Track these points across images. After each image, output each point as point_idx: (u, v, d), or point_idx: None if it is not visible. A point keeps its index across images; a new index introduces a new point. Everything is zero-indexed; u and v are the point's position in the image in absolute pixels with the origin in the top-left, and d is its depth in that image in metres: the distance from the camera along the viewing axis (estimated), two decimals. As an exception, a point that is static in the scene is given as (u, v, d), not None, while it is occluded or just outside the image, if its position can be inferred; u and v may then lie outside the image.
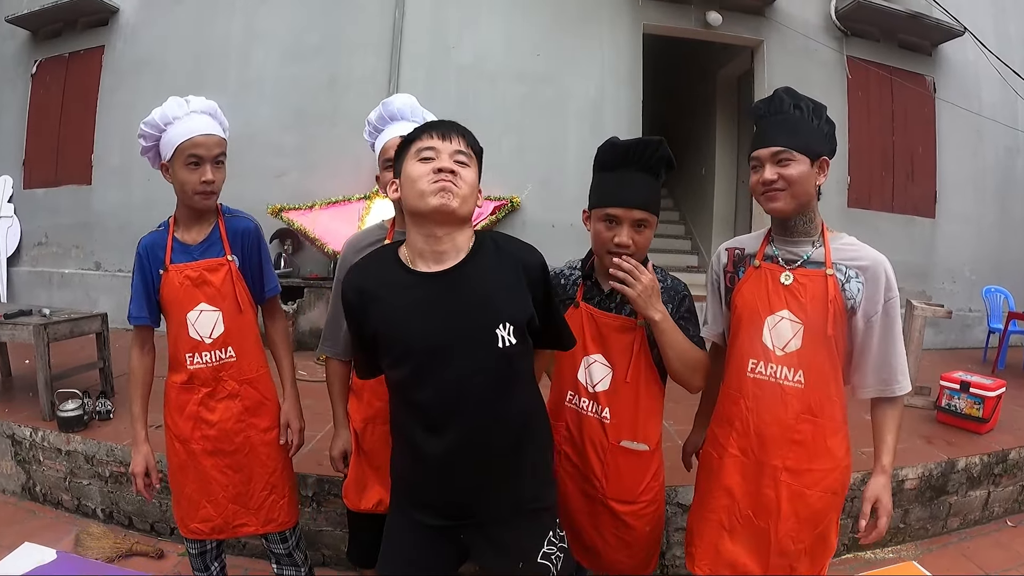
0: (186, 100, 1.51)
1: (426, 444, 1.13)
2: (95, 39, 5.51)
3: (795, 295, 1.32)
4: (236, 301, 1.60)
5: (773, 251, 1.39)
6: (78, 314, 3.24)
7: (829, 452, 1.32)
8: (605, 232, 1.37)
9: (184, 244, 1.58)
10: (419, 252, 1.15)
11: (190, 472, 1.61)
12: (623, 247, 1.35)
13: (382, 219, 1.67)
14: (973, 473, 2.75)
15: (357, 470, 1.59)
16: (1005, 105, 6.08)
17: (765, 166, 1.31)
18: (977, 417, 3.05)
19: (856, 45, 5.64)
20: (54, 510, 2.71)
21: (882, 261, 1.31)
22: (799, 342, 1.31)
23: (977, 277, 5.83)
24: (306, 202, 4.68)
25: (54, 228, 5.59)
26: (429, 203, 1.08)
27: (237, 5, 5.14)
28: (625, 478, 1.42)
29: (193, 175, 1.49)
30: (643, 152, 1.35)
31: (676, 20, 5.33)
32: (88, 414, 2.75)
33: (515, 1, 5.09)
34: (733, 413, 1.39)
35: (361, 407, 1.58)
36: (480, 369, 1.10)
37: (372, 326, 1.14)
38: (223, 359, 1.59)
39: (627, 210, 1.34)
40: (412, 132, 1.17)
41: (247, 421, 1.63)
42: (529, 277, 1.18)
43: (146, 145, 1.54)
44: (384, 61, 4.91)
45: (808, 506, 1.31)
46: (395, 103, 1.59)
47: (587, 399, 1.44)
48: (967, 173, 5.96)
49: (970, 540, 2.69)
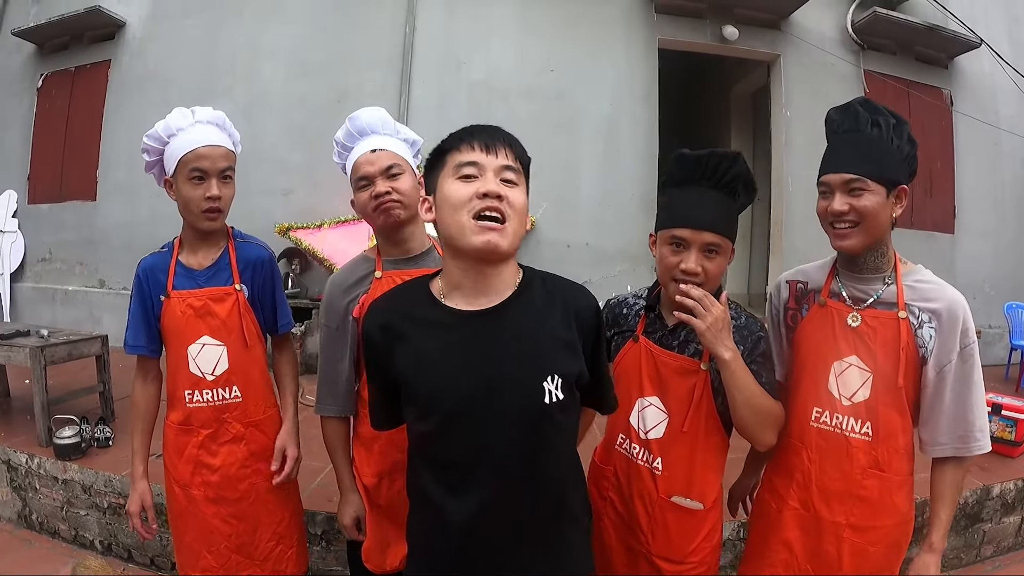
0: (191, 111, 1.41)
1: (449, 508, 0.98)
2: (101, 53, 5.48)
3: (864, 340, 1.21)
4: (243, 335, 1.47)
5: (839, 287, 1.27)
6: (77, 336, 3.16)
7: (895, 507, 1.23)
8: (671, 257, 1.22)
9: (189, 269, 1.46)
10: (456, 285, 1.00)
11: (190, 520, 1.49)
12: (691, 275, 1.20)
13: (363, 250, 1.51)
14: (1008, 499, 2.67)
15: (376, 531, 1.44)
16: (1023, 117, 6.00)
17: (835, 194, 1.19)
18: (1010, 440, 2.96)
19: (873, 58, 5.56)
20: (51, 540, 2.63)
21: (959, 302, 1.18)
22: (867, 392, 1.21)
23: (996, 293, 5.71)
24: (314, 221, 4.60)
25: (58, 244, 5.53)
26: (471, 242, 0.93)
27: (245, 20, 5.08)
28: (674, 536, 1.30)
29: (197, 190, 1.37)
30: (715, 167, 1.21)
31: (692, 35, 5.25)
32: (86, 441, 2.67)
33: (527, 16, 5.03)
34: (794, 464, 1.29)
35: (372, 460, 1.42)
36: (519, 427, 0.95)
37: (396, 370, 1.00)
38: (226, 399, 1.47)
39: (696, 232, 1.19)
40: (449, 139, 1.00)
41: (253, 467, 1.50)
42: (581, 323, 1.03)
43: (149, 160, 1.44)
44: (394, 77, 4.85)
45: (871, 563, 1.23)
46: (362, 117, 1.42)
47: (638, 445, 1.31)
48: (985, 187, 5.87)
49: (1005, 568, 2.62)
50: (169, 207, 1.49)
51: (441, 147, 1.00)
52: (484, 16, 4.99)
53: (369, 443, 1.42)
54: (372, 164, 1.36)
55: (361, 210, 1.40)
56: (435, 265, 1.44)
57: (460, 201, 0.93)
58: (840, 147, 1.21)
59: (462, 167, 0.94)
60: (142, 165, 1.47)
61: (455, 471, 0.98)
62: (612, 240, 4.97)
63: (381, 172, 1.36)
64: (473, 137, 0.96)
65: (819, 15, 5.40)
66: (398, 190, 1.35)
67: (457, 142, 0.97)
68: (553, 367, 0.96)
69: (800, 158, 5.28)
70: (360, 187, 1.38)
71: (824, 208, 1.21)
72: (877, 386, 1.20)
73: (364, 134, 1.42)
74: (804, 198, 5.27)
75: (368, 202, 1.36)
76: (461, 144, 0.96)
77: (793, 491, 1.29)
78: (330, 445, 1.46)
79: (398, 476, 1.37)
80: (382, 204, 1.34)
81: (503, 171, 0.95)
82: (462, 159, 0.95)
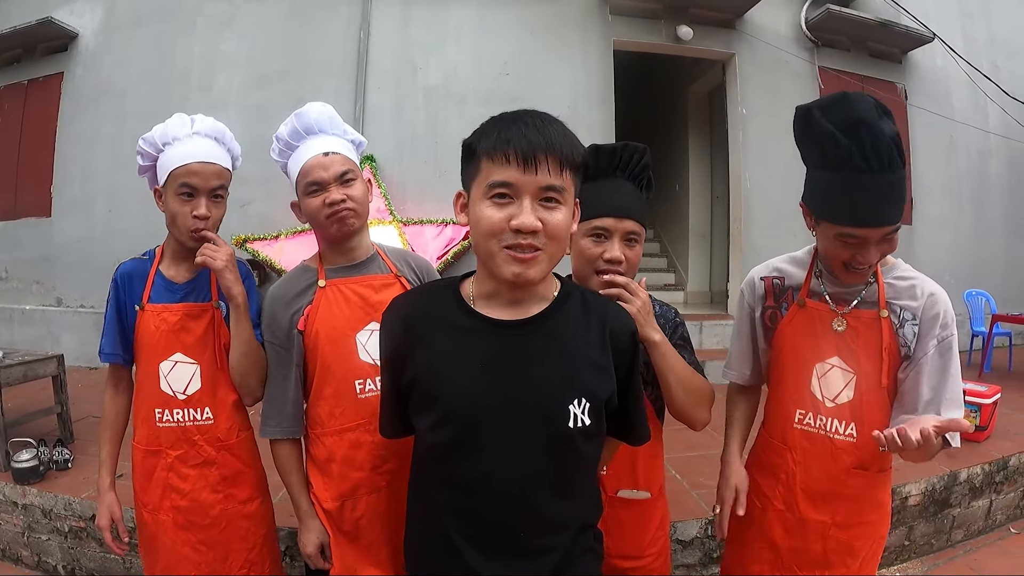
0: (192, 119, 1.34)
1: (455, 529, 0.92)
2: (54, 66, 5.37)
3: (846, 341, 1.20)
4: (217, 355, 1.39)
5: (821, 288, 1.24)
6: (32, 356, 3.09)
7: (879, 503, 1.25)
8: (593, 248, 1.20)
9: (169, 280, 1.39)
10: (487, 294, 0.93)
11: (159, 547, 1.42)
12: (615, 263, 1.17)
13: (303, 259, 1.43)
14: (975, 483, 2.72)
15: (344, 556, 1.34)
16: (976, 109, 6.15)
17: (870, 247, 1.09)
18: (975, 425, 3.01)
19: (827, 55, 5.65)
20: (14, 566, 2.57)
21: (939, 296, 1.17)
22: (851, 393, 1.20)
23: (956, 281, 5.82)
24: (271, 232, 4.55)
25: (14, 263, 5.39)
26: (501, 273, 0.86)
27: (199, 30, 5.02)
28: (628, 532, 1.28)
29: (185, 207, 1.30)
30: (629, 158, 1.22)
31: (647, 35, 5.29)
32: (44, 464, 2.60)
33: (482, 21, 5.02)
34: (778, 465, 1.29)
35: (331, 484, 1.32)
36: (538, 450, 0.88)
37: (413, 372, 0.93)
38: (197, 420, 1.39)
39: (618, 220, 1.18)
40: (484, 136, 0.86)
41: (225, 492, 1.42)
42: (616, 345, 0.95)
43: (143, 164, 1.37)
44: (349, 84, 4.81)
45: (856, 556, 1.25)
46: (311, 114, 1.31)
47: None
48: (942, 179, 6.00)
49: (976, 551, 2.66)
50: (126, 222, 1.44)
51: (474, 145, 0.87)
52: (439, 20, 4.97)
53: (325, 465, 1.34)
54: (325, 169, 1.28)
55: (311, 217, 1.31)
56: (380, 272, 1.40)
57: (492, 229, 0.84)
58: (872, 195, 1.05)
59: (495, 187, 0.83)
60: (97, 179, 1.42)
61: (465, 490, 0.91)
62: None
63: (335, 178, 1.28)
64: (510, 145, 0.82)
65: (773, 13, 5.47)
66: (353, 198, 1.29)
67: (492, 148, 0.84)
68: (582, 389, 0.90)
69: (757, 155, 5.35)
70: (310, 192, 1.29)
71: (850, 257, 1.12)
72: (861, 387, 1.19)
73: (312, 133, 1.32)
74: (762, 195, 5.34)
75: (320, 209, 1.28)
76: (496, 153, 0.83)
77: (778, 492, 1.29)
78: (282, 469, 1.37)
79: (361, 497, 1.32)
80: (337, 213, 1.28)
81: (544, 192, 0.83)
82: (495, 178, 0.83)
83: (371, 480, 1.33)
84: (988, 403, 3.01)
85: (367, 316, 1.32)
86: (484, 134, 0.86)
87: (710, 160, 6.79)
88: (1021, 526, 2.86)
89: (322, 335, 1.31)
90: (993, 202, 6.30)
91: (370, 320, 1.32)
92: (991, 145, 6.24)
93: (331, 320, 1.32)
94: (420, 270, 1.47)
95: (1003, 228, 6.35)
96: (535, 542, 0.92)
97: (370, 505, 1.32)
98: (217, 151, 1.35)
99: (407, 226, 4.58)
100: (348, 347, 1.31)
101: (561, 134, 0.85)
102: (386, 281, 1.38)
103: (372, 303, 1.33)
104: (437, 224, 4.57)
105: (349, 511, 1.32)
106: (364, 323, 1.32)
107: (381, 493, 1.33)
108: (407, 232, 4.52)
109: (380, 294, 1.34)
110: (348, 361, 1.32)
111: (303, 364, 1.35)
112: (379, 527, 1.33)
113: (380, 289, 1.36)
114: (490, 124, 0.87)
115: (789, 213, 2.96)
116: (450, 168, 4.83)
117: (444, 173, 4.78)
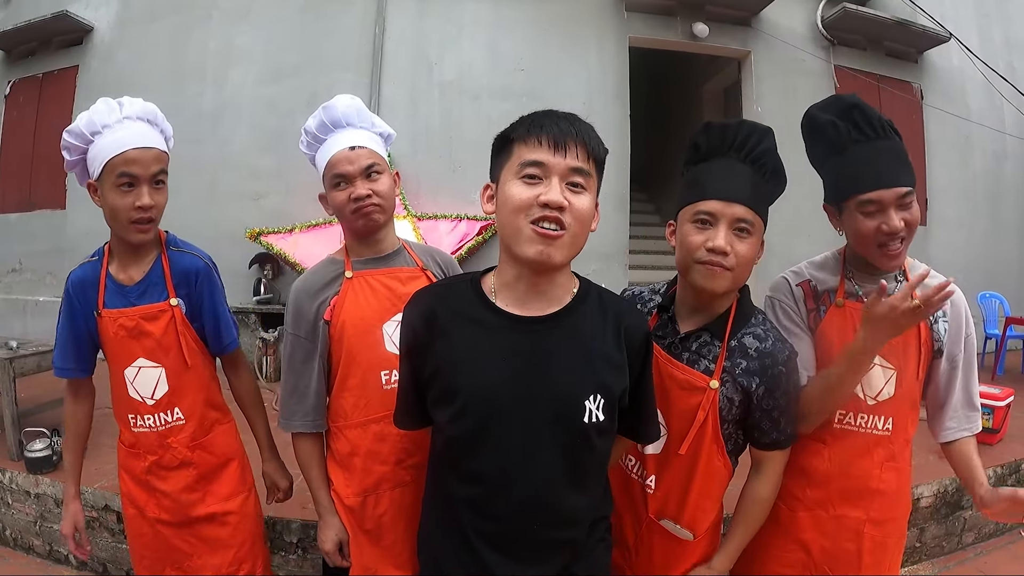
0: (119, 103, 1.24)
1: (471, 524, 0.94)
2: (69, 59, 5.40)
3: None
4: (182, 355, 1.34)
5: (855, 288, 1.24)
6: (46, 347, 3.10)
7: (906, 498, 1.27)
8: (695, 236, 1.08)
9: (119, 284, 1.32)
10: (508, 286, 0.95)
11: (148, 540, 1.42)
12: (718, 253, 1.06)
13: (326, 253, 1.43)
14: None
15: (363, 557, 1.32)
16: (992, 110, 6.09)
17: (889, 211, 1.09)
18: (988, 428, 2.97)
19: (843, 54, 5.61)
20: (25, 555, 2.58)
21: (961, 296, 1.21)
22: (892, 389, 1.20)
23: (970, 283, 5.76)
24: (285, 225, 4.55)
25: (28, 254, 5.43)
26: (525, 251, 0.88)
27: (214, 24, 5.02)
28: (657, 561, 1.22)
29: (126, 199, 1.22)
30: (746, 138, 1.11)
31: (662, 32, 5.27)
32: (57, 454, 2.60)
33: (498, 16, 5.01)
34: (810, 464, 1.26)
35: (354, 479, 1.31)
36: (553, 444, 0.91)
37: (433, 365, 0.95)
38: (169, 422, 1.36)
39: (726, 204, 1.06)
40: (518, 126, 0.92)
41: (204, 490, 1.41)
42: (631, 343, 0.97)
43: (70, 159, 1.27)
44: (364, 79, 4.80)
45: (889, 555, 1.26)
46: (338, 107, 1.31)
47: (635, 458, 1.24)
48: (956, 179, 5.95)
49: (987, 555, 2.65)
50: None
51: (508, 134, 0.93)
52: (455, 16, 4.97)
53: (347, 459, 1.32)
54: (351, 163, 1.28)
55: (337, 210, 1.32)
56: (406, 264, 1.40)
57: (520, 205, 0.88)
58: (878, 158, 1.11)
59: (526, 167, 0.88)
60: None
61: (480, 483, 0.94)
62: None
63: (360, 172, 1.28)
64: (543, 131, 0.89)
65: (789, 11, 5.44)
66: (378, 192, 1.29)
67: (525, 133, 0.90)
68: (598, 385, 0.92)
69: (772, 154, 5.31)
70: (335, 186, 1.29)
71: (875, 228, 1.11)
72: (901, 383, 1.20)
73: (339, 126, 1.32)
74: (777, 193, 5.31)
75: (346, 204, 1.29)
76: (529, 137, 0.89)
77: (808, 492, 1.26)
78: (303, 463, 1.36)
79: (385, 492, 1.30)
80: (362, 208, 1.28)
81: (572, 175, 0.89)
82: (527, 157, 0.88)
83: (395, 474, 1.31)
84: (1001, 406, 2.99)
85: (394, 307, 1.31)
86: (518, 124, 0.92)
87: (724, 158, 6.75)
88: (1032, 530, 2.83)
89: (348, 325, 1.30)
90: (1008, 204, 6.24)
91: (396, 311, 1.30)
92: (1007, 146, 6.19)
93: (358, 311, 1.31)
94: (445, 265, 1.47)
95: (1018, 231, 6.29)
96: (549, 535, 0.94)
97: (394, 501, 1.31)
98: (152, 134, 1.26)
99: (421, 221, 4.57)
100: (375, 338, 1.31)
101: (588, 129, 0.93)
102: (413, 274, 1.38)
103: (399, 294, 1.32)
104: (451, 219, 4.56)
105: (372, 507, 1.30)
106: (391, 314, 1.31)
107: (406, 488, 1.32)
108: (421, 227, 4.52)
109: (407, 286, 1.34)
110: (374, 352, 1.31)
111: (327, 356, 1.34)
112: (403, 525, 1.31)
113: (407, 281, 1.35)
114: (523, 117, 0.93)
115: (803, 213, 2.89)
116: (464, 163, 4.87)
117: (458, 168, 4.78)
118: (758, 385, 1.11)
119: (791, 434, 1.18)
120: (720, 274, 1.08)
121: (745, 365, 1.12)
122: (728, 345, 1.14)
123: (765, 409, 1.13)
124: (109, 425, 1.49)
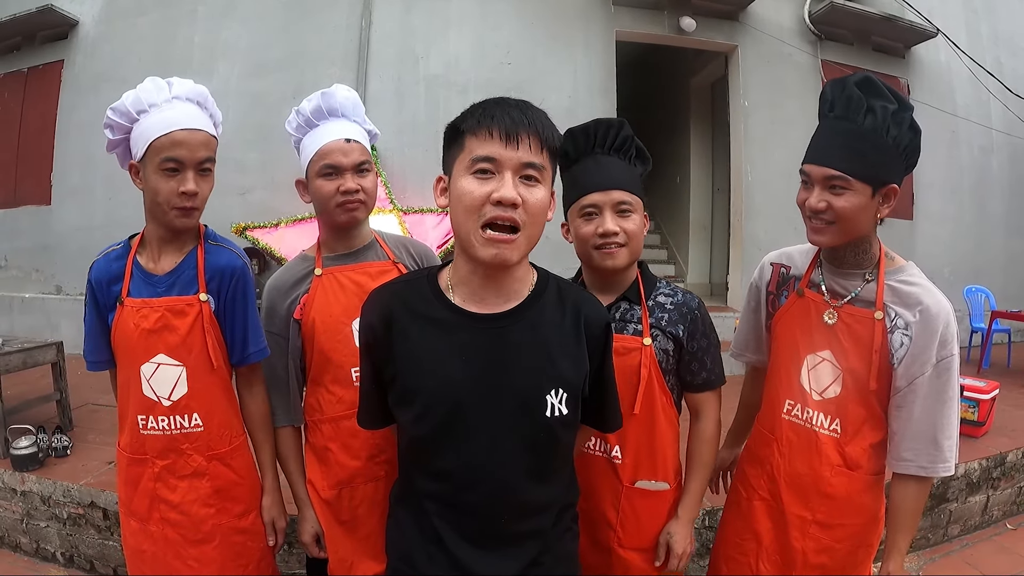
0: (168, 83, 1.17)
1: (440, 520, 0.93)
2: (54, 53, 5.35)
3: (838, 336, 1.17)
4: (207, 355, 1.24)
5: (819, 279, 1.22)
6: (31, 343, 3.08)
7: (863, 506, 1.20)
8: (586, 227, 1.19)
9: (148, 272, 1.24)
10: (465, 281, 0.93)
11: (148, 558, 1.30)
12: (610, 236, 1.17)
13: (302, 248, 1.43)
14: (972, 479, 2.72)
15: (338, 548, 1.33)
16: (979, 105, 6.13)
17: (814, 187, 1.10)
18: (973, 421, 3.00)
19: (830, 49, 5.63)
20: (12, 553, 2.57)
21: (941, 311, 1.08)
22: (838, 388, 1.17)
23: (956, 277, 5.82)
24: (271, 220, 4.53)
25: (13, 251, 5.39)
26: (478, 253, 0.86)
27: (199, 18, 4.99)
28: (644, 523, 1.26)
29: (169, 183, 1.15)
30: (604, 133, 1.21)
31: (649, 26, 5.27)
32: (43, 451, 2.60)
33: (484, 10, 5.00)
34: (765, 455, 1.28)
35: (329, 472, 1.32)
36: (517, 440, 0.90)
37: (394, 366, 0.94)
38: (185, 428, 1.25)
39: (604, 193, 1.18)
40: (469, 117, 0.88)
41: (218, 506, 1.29)
42: (590, 334, 0.96)
43: (113, 138, 1.19)
44: (350, 72, 4.78)
45: (837, 560, 1.21)
46: (338, 96, 1.30)
47: (594, 437, 1.25)
48: (943, 174, 5.97)
49: (972, 547, 2.67)
50: (125, 209, 1.32)
51: (458, 125, 0.90)
52: (441, 10, 4.95)
53: (323, 453, 1.33)
54: (345, 155, 1.28)
55: (320, 199, 1.30)
56: (377, 259, 1.40)
57: (472, 203, 0.85)
58: (827, 135, 1.09)
59: (478, 162, 0.85)
60: (97, 167, 1.31)
61: (447, 480, 0.93)
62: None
63: (353, 166, 1.28)
64: (494, 122, 0.85)
65: (777, 6, 5.46)
66: (365, 190, 1.30)
67: (476, 125, 0.86)
68: (559, 379, 0.92)
69: (759, 148, 5.33)
70: (324, 174, 1.28)
71: (803, 199, 1.13)
72: (848, 384, 1.16)
73: (335, 115, 1.31)
74: (763, 188, 5.32)
75: (333, 195, 1.28)
76: (479, 129, 0.86)
77: (763, 482, 1.28)
78: (282, 456, 1.37)
79: (359, 486, 1.32)
80: (348, 203, 1.28)
81: (525, 169, 0.86)
82: (478, 152, 0.85)
83: (368, 469, 1.33)
84: (986, 399, 3.00)
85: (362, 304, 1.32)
86: (468, 115, 0.89)
87: (711, 152, 6.77)
88: (1017, 522, 2.86)
89: (318, 323, 1.31)
90: (994, 198, 6.28)
91: None
92: (993, 141, 6.23)
93: (327, 308, 1.32)
94: (419, 256, 1.46)
95: (1004, 225, 6.33)
96: (517, 527, 0.94)
97: (367, 495, 1.32)
98: (201, 117, 1.20)
99: (407, 215, 4.57)
100: (344, 335, 1.32)
101: (541, 117, 0.89)
102: (383, 268, 1.38)
103: (368, 291, 1.32)
104: (437, 213, 4.55)
105: (347, 499, 1.33)
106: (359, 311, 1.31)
107: (379, 483, 1.33)
108: (407, 221, 4.51)
109: (376, 281, 1.32)
110: (345, 349, 1.32)
111: (299, 353, 1.35)
112: (377, 517, 1.31)
113: (377, 276, 1.35)
114: (474, 107, 0.90)
115: (790, 206, 2.90)
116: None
117: (445, 163, 4.78)
118: (683, 331, 1.24)
119: (720, 374, 1.29)
120: (616, 252, 1.20)
121: (667, 317, 1.25)
122: (647, 305, 1.26)
123: (692, 352, 1.25)
124: (95, 422, 1.45)
